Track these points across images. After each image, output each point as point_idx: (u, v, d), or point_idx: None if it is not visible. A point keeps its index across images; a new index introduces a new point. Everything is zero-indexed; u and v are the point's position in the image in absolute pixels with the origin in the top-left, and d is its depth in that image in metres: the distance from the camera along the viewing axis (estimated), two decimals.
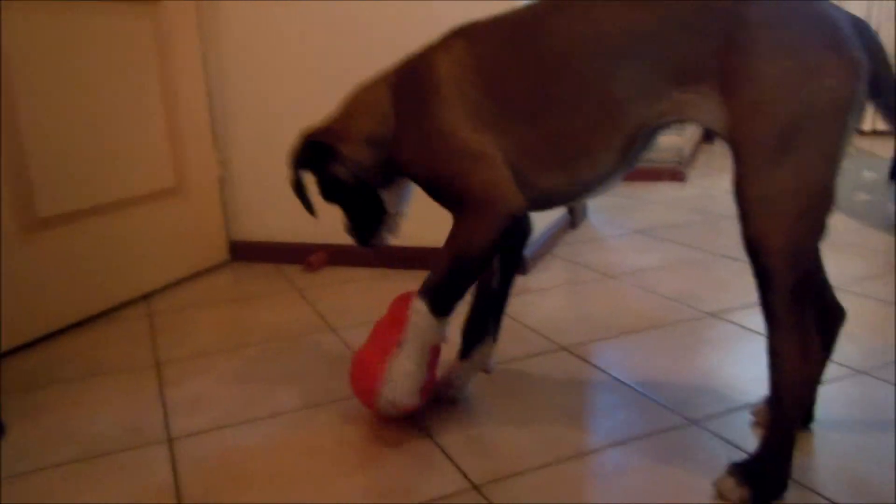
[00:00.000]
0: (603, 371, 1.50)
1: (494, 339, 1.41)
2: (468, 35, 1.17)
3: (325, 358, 1.64)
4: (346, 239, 2.40)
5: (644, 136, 1.08)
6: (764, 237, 0.95)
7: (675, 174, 3.73)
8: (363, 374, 1.25)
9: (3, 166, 1.75)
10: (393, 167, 1.28)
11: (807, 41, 0.91)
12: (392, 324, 1.26)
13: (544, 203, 1.19)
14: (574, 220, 2.79)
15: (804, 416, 1.22)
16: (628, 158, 1.11)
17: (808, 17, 0.92)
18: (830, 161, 0.93)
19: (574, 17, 1.06)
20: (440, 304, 1.18)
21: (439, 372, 1.40)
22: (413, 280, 2.20)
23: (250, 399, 1.46)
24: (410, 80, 1.21)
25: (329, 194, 1.36)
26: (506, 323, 1.79)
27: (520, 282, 2.12)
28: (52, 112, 1.86)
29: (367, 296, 2.09)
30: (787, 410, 1.01)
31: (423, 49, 1.23)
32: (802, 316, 0.97)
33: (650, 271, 2.18)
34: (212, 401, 1.46)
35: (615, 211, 3.10)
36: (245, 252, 2.58)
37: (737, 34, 0.94)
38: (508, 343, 1.67)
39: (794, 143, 0.92)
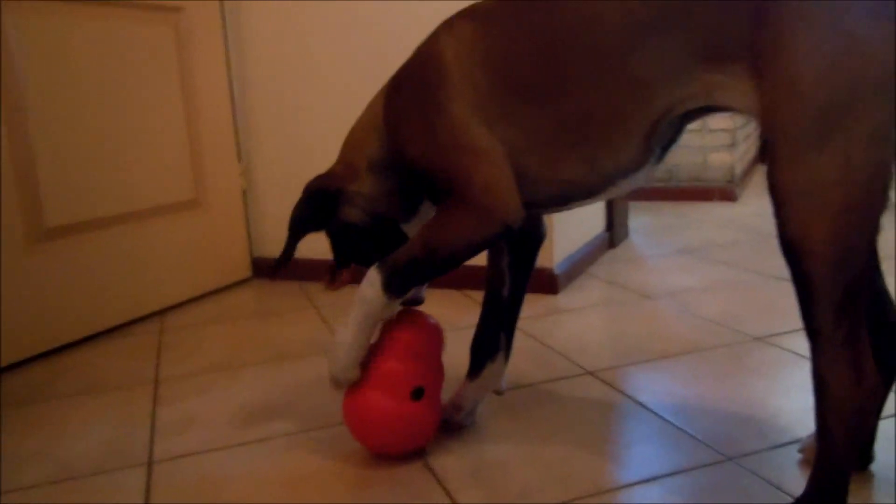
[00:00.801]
0: (631, 398, 1.34)
1: (506, 357, 1.26)
2: (475, 15, 1.04)
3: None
4: None
5: (670, 123, 0.96)
6: (803, 236, 0.81)
7: (725, 193, 3.53)
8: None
9: (10, 172, 1.70)
10: (405, 177, 1.15)
11: (847, 8, 0.77)
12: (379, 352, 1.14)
13: (563, 199, 1.06)
14: (613, 238, 2.63)
15: (860, 455, 1.04)
16: (653, 149, 0.98)
17: None
18: (882, 146, 0.78)
19: None
20: (395, 284, 1.06)
21: (446, 395, 1.27)
22: (435, 300, 2.08)
23: (243, 421, 1.35)
24: (414, 70, 1.09)
25: (348, 250, 1.23)
26: (527, 344, 1.65)
27: (550, 301, 1.97)
28: (63, 118, 1.82)
29: None
30: (838, 447, 0.85)
31: (423, 42, 1.11)
32: (853, 333, 0.81)
33: (691, 292, 2.01)
34: (202, 422, 1.36)
35: (659, 230, 2.93)
36: (268, 268, 2.50)
37: (765, 7, 0.82)
38: (528, 365, 1.53)
39: (837, 126, 0.78)
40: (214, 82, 2.29)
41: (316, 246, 2.39)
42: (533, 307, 1.93)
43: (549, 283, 2.04)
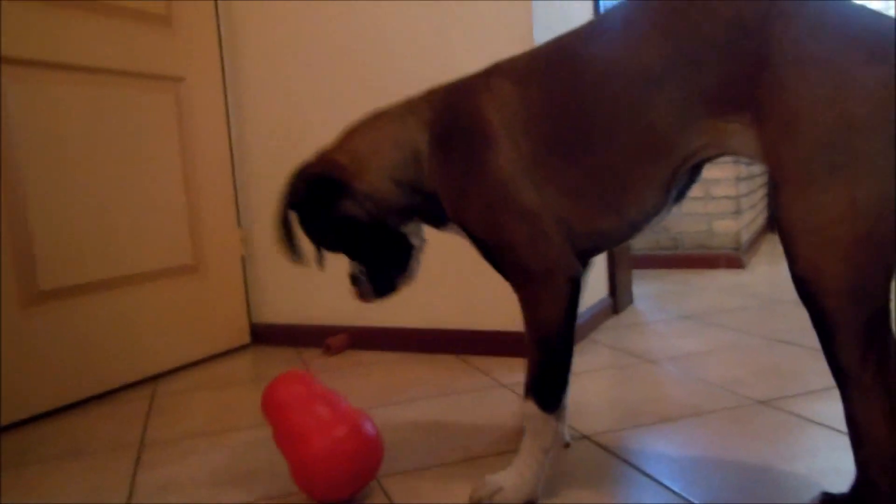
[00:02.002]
0: (627, 462, 1.28)
1: (565, 407, 1.26)
2: (510, 75, 1.09)
3: None
4: (368, 320, 2.28)
5: (686, 170, 0.99)
6: (816, 273, 0.81)
7: (732, 261, 3.50)
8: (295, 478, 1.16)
9: (6, 234, 1.71)
10: (434, 214, 1.20)
11: (840, 52, 0.80)
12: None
13: (597, 248, 1.11)
14: (617, 304, 2.59)
15: None
16: (672, 195, 1.02)
17: (843, 27, 0.82)
18: (885, 180, 0.78)
19: (608, 45, 0.99)
20: (546, 397, 1.09)
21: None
22: (431, 364, 2.04)
23: (221, 486, 1.30)
24: (455, 124, 1.11)
25: (339, 242, 1.23)
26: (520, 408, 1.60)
27: None
28: (60, 182, 1.84)
29: (379, 379, 1.93)
30: (882, 496, 0.80)
31: (459, 87, 1.14)
32: (883, 370, 0.78)
33: (694, 356, 1.95)
34: (181, 486, 1.31)
35: (664, 297, 2.89)
36: (267, 335, 2.47)
37: (766, 52, 0.85)
38: (521, 430, 1.47)
39: (837, 163, 0.79)
40: (215, 149, 2.33)
41: (313, 313, 2.37)
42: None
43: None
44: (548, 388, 1.09)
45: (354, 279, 1.28)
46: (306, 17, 2.27)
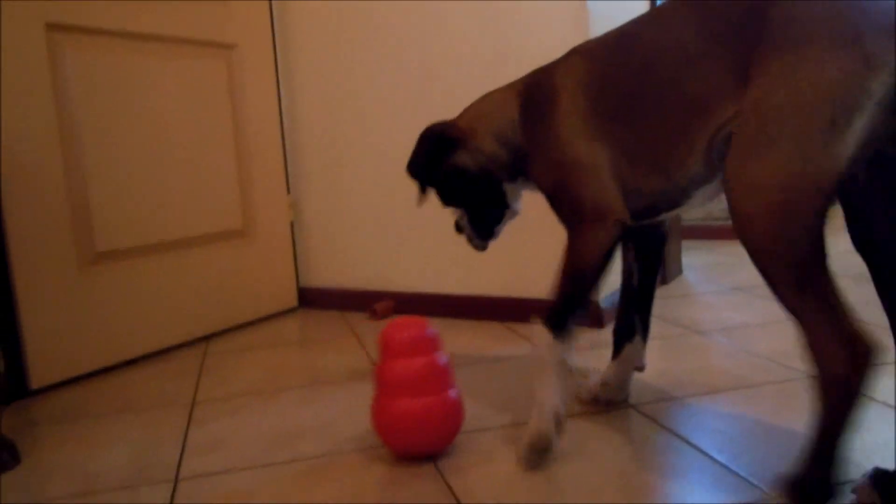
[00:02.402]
0: (673, 432, 1.27)
1: (644, 338, 1.43)
2: (582, 52, 1.24)
3: (363, 404, 1.50)
4: (414, 287, 2.29)
5: (722, 139, 1.06)
6: (749, 225, 0.93)
7: None
8: (373, 416, 1.23)
9: (64, 198, 1.76)
10: (521, 171, 1.35)
11: (815, 35, 0.88)
12: (381, 360, 1.24)
13: (653, 209, 1.20)
14: (665, 275, 2.55)
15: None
16: (714, 162, 1.09)
17: (829, 12, 0.88)
18: (814, 158, 0.87)
19: (659, 27, 1.12)
20: (558, 323, 1.20)
21: (595, 377, 1.48)
22: (476, 330, 2.05)
23: (272, 443, 1.33)
24: (535, 92, 1.29)
25: (451, 189, 1.42)
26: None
27: (595, 335, 1.92)
28: (117, 147, 1.88)
29: None
30: (836, 422, 0.90)
31: (547, 65, 1.31)
32: (823, 310, 0.89)
33: (744, 328, 1.92)
34: (232, 443, 1.35)
35: (714, 268, 2.83)
36: (314, 299, 2.51)
37: (761, 33, 0.95)
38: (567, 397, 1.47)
39: (775, 136, 0.90)
40: (265, 117, 2.35)
41: (359, 278, 2.40)
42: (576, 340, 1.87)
43: (595, 317, 1.98)
44: (561, 314, 1.20)
45: (458, 226, 1.49)
46: None
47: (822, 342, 0.89)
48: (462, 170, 1.38)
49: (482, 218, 1.44)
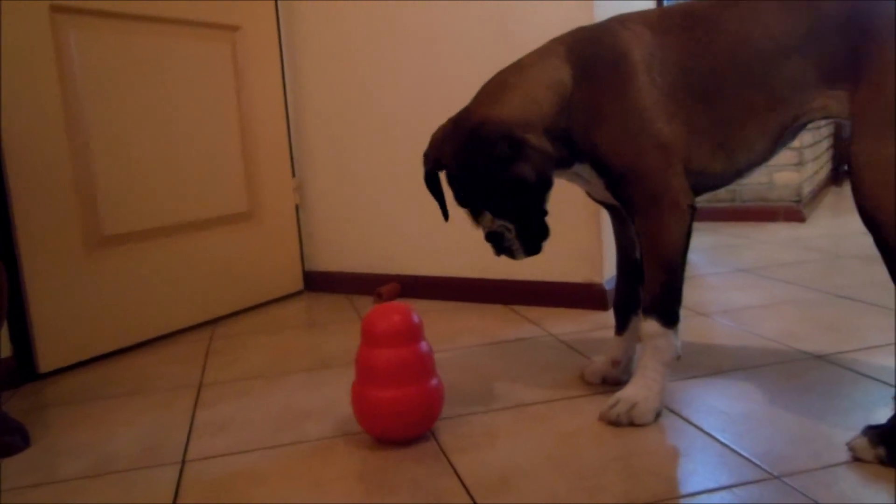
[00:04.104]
0: (675, 413, 1.28)
1: None
2: (645, 22, 1.21)
3: None
4: (419, 269, 2.30)
5: (794, 129, 1.17)
6: (874, 203, 1.00)
7: (791, 213, 3.40)
8: (353, 402, 1.23)
9: (70, 181, 1.77)
10: (576, 155, 1.23)
11: None
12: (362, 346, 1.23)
13: (700, 188, 1.23)
14: None
15: None
16: (777, 149, 1.20)
17: None
18: None
19: (744, 16, 1.15)
20: (669, 314, 1.22)
21: (600, 357, 1.47)
22: (480, 313, 2.05)
23: (278, 426, 1.35)
24: (597, 58, 1.20)
25: (504, 200, 1.23)
26: (571, 359, 1.61)
27: (598, 317, 1.92)
28: (121, 130, 1.88)
29: (429, 327, 1.95)
30: None
31: (592, 28, 1.24)
32: None
33: (748, 310, 1.92)
34: (238, 425, 1.36)
35: (719, 249, 2.83)
36: (319, 282, 2.52)
37: (870, 28, 1.04)
38: (569, 378, 1.48)
39: None
40: (270, 99, 2.34)
41: (364, 261, 2.40)
42: (581, 322, 1.88)
43: (599, 299, 1.99)
44: (669, 305, 1.22)
45: (497, 236, 1.28)
46: None
47: None
48: (522, 181, 1.20)
49: (531, 230, 1.27)
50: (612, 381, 1.43)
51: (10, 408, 1.50)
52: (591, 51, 1.20)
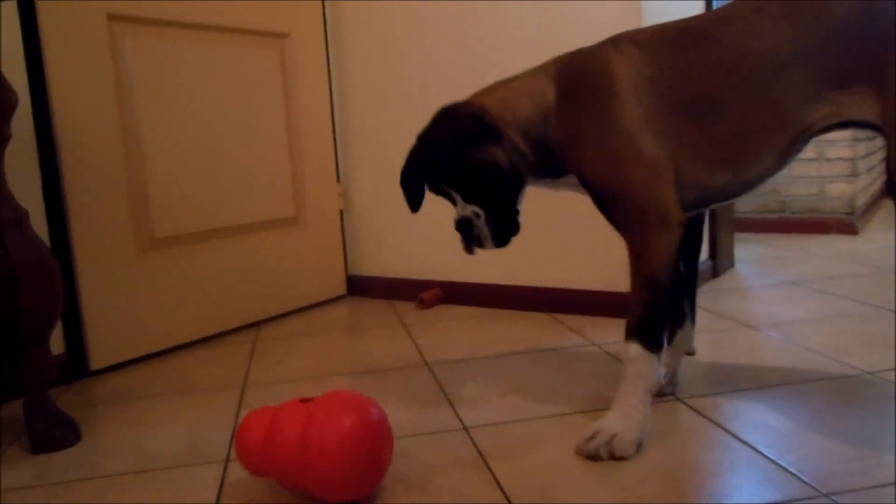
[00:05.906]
0: (721, 427, 1.26)
1: (692, 322, 1.43)
2: (636, 42, 1.20)
3: (410, 392, 1.52)
4: (461, 276, 2.30)
5: (804, 139, 1.14)
6: None
7: (844, 226, 3.31)
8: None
9: (124, 185, 1.81)
10: (551, 169, 1.28)
11: None
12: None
13: (705, 201, 1.22)
14: (717, 267, 2.51)
15: None
16: (787, 160, 1.16)
17: None
18: None
19: (742, 30, 1.13)
20: (652, 338, 1.18)
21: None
22: (522, 321, 2.05)
23: None
24: (582, 78, 1.22)
25: (475, 183, 1.30)
26: (612, 368, 1.59)
27: None
28: (173, 135, 1.93)
29: (471, 334, 1.95)
30: None
31: (584, 50, 1.25)
32: None
33: (798, 323, 1.88)
34: None
35: (768, 261, 2.77)
36: (362, 287, 2.54)
37: (891, 32, 1.01)
38: (611, 389, 1.46)
39: None
40: (317, 106, 2.38)
41: (407, 267, 2.41)
42: (623, 332, 1.85)
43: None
44: (653, 328, 1.17)
45: (466, 223, 1.33)
46: None
47: None
48: (494, 164, 1.28)
49: (501, 220, 1.33)
50: (659, 394, 1.40)
51: (62, 403, 1.54)
52: (577, 71, 1.23)
